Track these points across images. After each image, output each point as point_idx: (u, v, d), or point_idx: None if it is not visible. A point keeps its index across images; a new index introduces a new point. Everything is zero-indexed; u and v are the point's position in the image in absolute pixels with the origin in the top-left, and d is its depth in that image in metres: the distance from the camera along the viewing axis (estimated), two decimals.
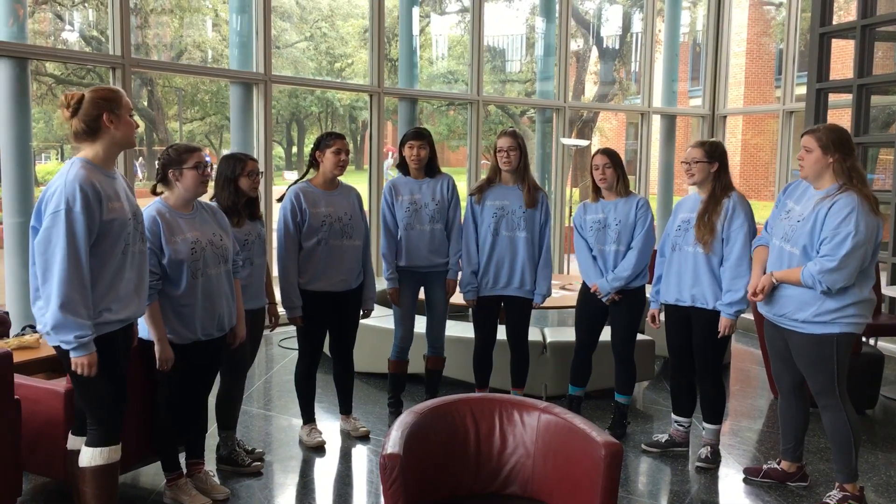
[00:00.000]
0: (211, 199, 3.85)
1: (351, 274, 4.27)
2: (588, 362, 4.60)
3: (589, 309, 4.53)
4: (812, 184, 3.58)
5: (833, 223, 3.36)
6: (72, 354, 2.80)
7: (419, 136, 4.50)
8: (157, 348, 3.33)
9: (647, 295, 4.51)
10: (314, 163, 4.24)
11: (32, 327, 4.83)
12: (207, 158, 3.50)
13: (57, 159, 23.41)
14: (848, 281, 3.38)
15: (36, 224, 2.82)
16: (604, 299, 4.41)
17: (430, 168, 4.54)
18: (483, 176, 4.73)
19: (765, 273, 3.67)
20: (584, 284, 4.54)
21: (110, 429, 3.02)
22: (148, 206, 3.40)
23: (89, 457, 3.00)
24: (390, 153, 21.53)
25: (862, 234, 3.33)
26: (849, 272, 3.36)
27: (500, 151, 4.42)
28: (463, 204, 4.63)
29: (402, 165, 4.56)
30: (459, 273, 4.61)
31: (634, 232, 4.37)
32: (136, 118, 3.06)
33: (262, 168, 4.03)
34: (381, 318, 5.42)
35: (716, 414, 4.19)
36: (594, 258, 4.45)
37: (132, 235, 2.97)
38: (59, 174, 2.84)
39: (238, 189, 3.86)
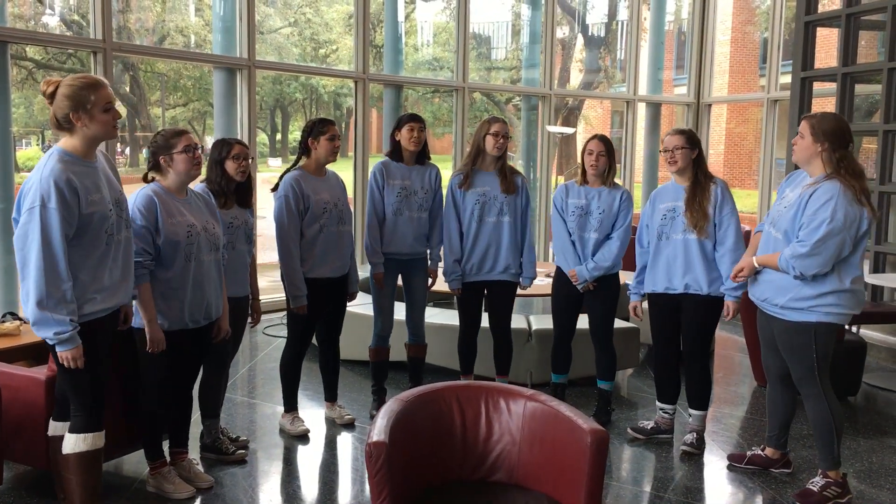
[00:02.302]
0: (202, 181, 3.83)
1: (346, 259, 4.28)
2: (568, 349, 4.61)
3: (566, 293, 4.52)
4: (805, 170, 3.60)
5: (811, 209, 3.38)
6: (57, 349, 2.80)
7: (419, 118, 4.44)
8: (147, 330, 3.29)
9: (626, 282, 4.52)
10: (306, 150, 4.20)
11: (13, 314, 4.78)
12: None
13: (38, 145, 23.12)
14: (822, 268, 3.38)
15: (17, 216, 2.81)
16: (579, 287, 4.41)
17: (421, 155, 4.50)
18: None
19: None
20: (558, 270, 4.53)
21: (94, 415, 3.00)
22: (143, 187, 3.37)
23: (73, 443, 2.99)
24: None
25: (838, 222, 3.32)
26: (822, 259, 3.36)
27: (494, 136, 4.37)
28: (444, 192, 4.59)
29: (394, 152, 4.47)
30: (440, 263, 4.59)
31: (616, 223, 4.37)
32: (120, 107, 2.99)
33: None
34: (366, 306, 5.40)
35: (702, 400, 4.21)
36: (573, 243, 4.45)
37: (115, 226, 2.94)
38: (37, 167, 2.80)
39: (225, 172, 3.83)
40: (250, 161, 3.95)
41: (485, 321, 4.65)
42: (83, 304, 2.85)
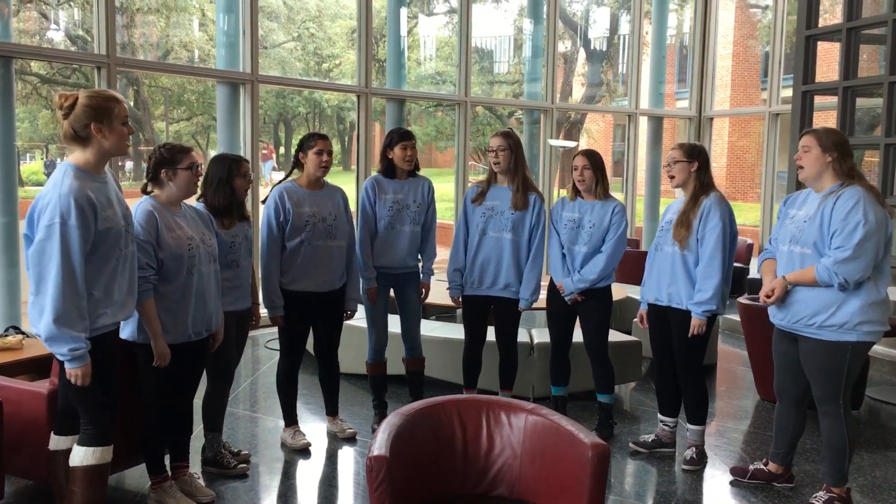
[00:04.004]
0: (198, 199, 3.83)
1: (335, 274, 4.25)
2: (566, 360, 4.60)
3: (558, 305, 4.53)
4: (813, 186, 3.58)
5: (841, 215, 3.35)
6: (67, 366, 2.81)
7: (410, 135, 4.47)
8: (153, 344, 3.31)
9: (629, 296, 4.51)
10: (298, 164, 4.22)
11: (16, 328, 4.79)
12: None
13: (42, 159, 23.22)
14: (864, 272, 3.35)
15: (29, 233, 2.81)
16: (566, 298, 4.42)
17: (413, 168, 4.52)
18: (472, 177, 4.72)
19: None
20: (551, 282, 4.54)
21: (105, 429, 3.02)
22: (139, 202, 3.39)
23: (81, 456, 3.00)
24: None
25: (872, 223, 3.32)
26: (864, 262, 3.33)
27: (490, 152, 4.42)
28: (446, 206, 4.61)
29: (387, 169, 4.47)
30: (433, 276, 4.60)
31: (607, 236, 4.37)
32: (131, 124, 3.04)
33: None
34: (366, 319, 5.39)
35: (699, 415, 4.20)
36: (564, 255, 4.46)
37: (124, 240, 2.97)
38: (53, 184, 2.81)
39: (233, 190, 3.84)
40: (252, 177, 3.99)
41: (491, 335, 4.65)
42: (96, 318, 2.87)
